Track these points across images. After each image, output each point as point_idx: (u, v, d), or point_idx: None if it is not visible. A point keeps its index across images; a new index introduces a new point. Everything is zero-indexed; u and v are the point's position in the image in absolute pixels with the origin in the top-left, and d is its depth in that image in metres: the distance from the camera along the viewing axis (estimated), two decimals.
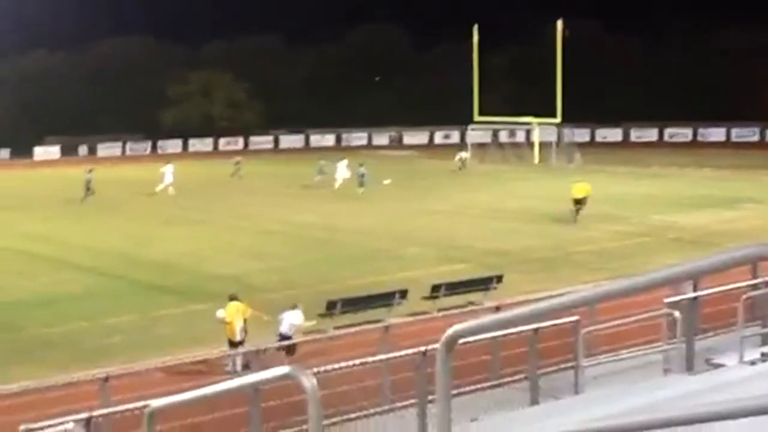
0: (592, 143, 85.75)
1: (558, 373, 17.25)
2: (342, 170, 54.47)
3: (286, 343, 19.75)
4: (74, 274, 31.42)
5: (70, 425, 7.35)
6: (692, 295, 16.47)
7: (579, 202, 40.85)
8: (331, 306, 22.94)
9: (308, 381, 4.32)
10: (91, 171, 52.58)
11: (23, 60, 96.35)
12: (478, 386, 16.90)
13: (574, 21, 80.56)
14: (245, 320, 20.91)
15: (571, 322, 16.49)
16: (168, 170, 53.67)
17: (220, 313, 20.98)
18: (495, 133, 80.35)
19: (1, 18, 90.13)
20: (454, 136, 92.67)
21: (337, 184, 52.97)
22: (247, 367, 18.60)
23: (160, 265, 32.66)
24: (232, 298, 21.40)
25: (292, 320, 20.52)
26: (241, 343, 20.39)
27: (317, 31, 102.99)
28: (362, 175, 51.97)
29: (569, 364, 16.93)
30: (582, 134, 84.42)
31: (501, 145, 75.26)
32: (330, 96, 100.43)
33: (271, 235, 38.66)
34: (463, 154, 65.16)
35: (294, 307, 20.91)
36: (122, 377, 17.01)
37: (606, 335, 18.00)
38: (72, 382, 17.31)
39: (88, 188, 50.74)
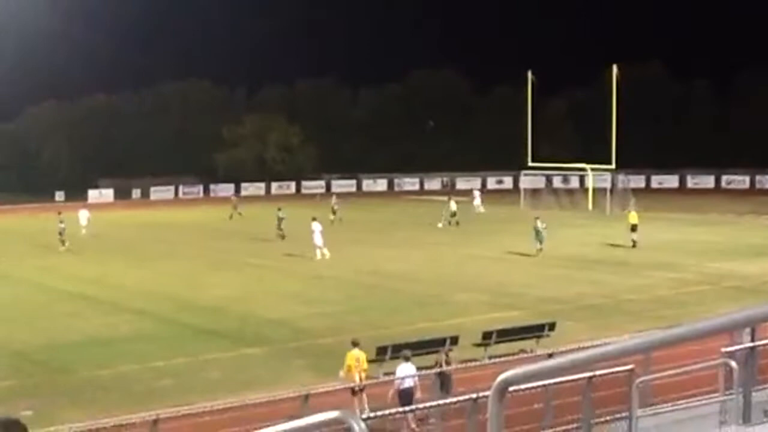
0: (647, 189, 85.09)
1: (612, 423, 16.89)
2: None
3: None
4: (126, 317, 31.62)
5: None
6: (750, 344, 16.10)
7: (634, 229, 46.29)
8: (381, 352, 22.74)
9: (358, 425, 4.18)
10: (280, 209, 53.61)
11: (83, 101, 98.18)
12: None
13: (636, 63, 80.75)
14: (364, 369, 20.62)
15: (625, 371, 16.19)
16: (317, 228, 44.80)
17: (341, 375, 20.64)
18: (549, 179, 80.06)
19: (62, 60, 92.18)
20: (508, 182, 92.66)
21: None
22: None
23: (210, 309, 32.74)
24: (355, 344, 21.02)
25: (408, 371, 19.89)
26: (361, 390, 19.95)
27: (374, 75, 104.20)
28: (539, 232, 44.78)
29: (623, 414, 16.59)
30: (637, 180, 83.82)
31: (555, 191, 74.87)
32: (383, 140, 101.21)
33: (321, 280, 38.63)
34: (452, 205, 58.45)
35: (407, 359, 20.25)
36: (172, 420, 16.97)
37: (661, 385, 17.64)
38: (122, 424, 17.32)
39: (280, 227, 52.12)
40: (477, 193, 68.41)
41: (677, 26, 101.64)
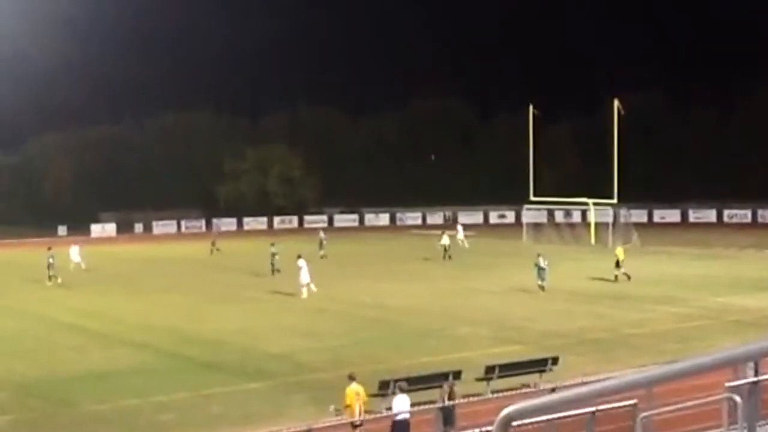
0: (650, 223, 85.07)
1: None
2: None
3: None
4: (127, 350, 31.54)
5: None
6: (754, 379, 16.01)
7: (620, 264, 46.45)
8: (384, 386, 22.65)
9: None
10: (273, 245, 53.03)
11: (86, 132, 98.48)
12: None
13: (638, 93, 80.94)
14: (364, 402, 20.67)
15: (628, 405, 16.11)
16: (303, 265, 43.42)
17: (331, 409, 20.49)
18: (551, 213, 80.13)
19: (65, 91, 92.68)
20: (510, 216, 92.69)
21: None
22: None
23: (211, 343, 32.65)
24: (351, 378, 21.04)
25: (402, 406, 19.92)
26: (360, 425, 19.90)
27: (375, 102, 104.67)
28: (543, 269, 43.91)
29: None
30: (639, 214, 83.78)
31: (557, 225, 74.92)
32: (386, 173, 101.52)
33: (321, 314, 38.56)
34: (445, 240, 59.75)
35: (402, 390, 20.29)
36: None
37: (665, 420, 17.54)
38: None
39: (273, 263, 51.47)
40: (460, 228, 69.12)
41: (680, 55, 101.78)
